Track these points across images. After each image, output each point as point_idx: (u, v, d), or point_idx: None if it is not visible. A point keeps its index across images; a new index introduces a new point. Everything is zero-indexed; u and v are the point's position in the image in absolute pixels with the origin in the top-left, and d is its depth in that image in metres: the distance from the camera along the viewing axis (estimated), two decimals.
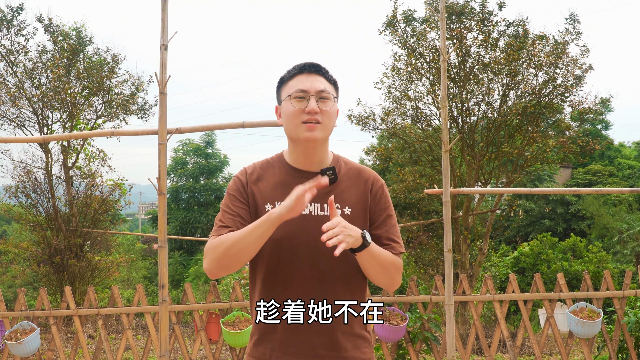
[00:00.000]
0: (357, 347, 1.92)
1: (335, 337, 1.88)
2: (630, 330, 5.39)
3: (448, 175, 4.50)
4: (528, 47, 9.83)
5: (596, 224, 24.25)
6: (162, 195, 3.88)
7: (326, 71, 1.98)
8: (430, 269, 11.65)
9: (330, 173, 1.90)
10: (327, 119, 1.90)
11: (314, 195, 1.76)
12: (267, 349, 1.90)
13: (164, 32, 3.89)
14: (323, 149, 1.96)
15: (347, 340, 1.90)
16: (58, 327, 5.59)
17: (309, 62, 1.97)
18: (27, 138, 8.02)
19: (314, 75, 1.94)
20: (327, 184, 1.79)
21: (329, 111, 1.91)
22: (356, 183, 1.96)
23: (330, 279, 1.88)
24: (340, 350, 1.88)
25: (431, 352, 5.49)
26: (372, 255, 1.82)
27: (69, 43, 10.77)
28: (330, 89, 1.95)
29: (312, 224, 1.87)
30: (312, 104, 1.87)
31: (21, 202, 10.75)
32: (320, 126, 1.88)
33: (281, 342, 1.88)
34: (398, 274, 1.93)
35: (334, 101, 1.94)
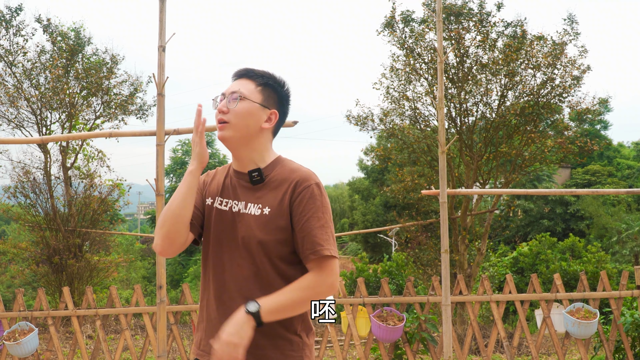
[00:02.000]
0: (276, 347, 1.90)
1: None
2: (627, 330, 5.41)
3: (445, 177, 4.52)
4: (526, 48, 9.85)
5: (595, 224, 24.29)
6: (160, 196, 3.89)
7: (257, 75, 2.00)
8: (429, 269, 11.67)
9: (256, 174, 1.97)
10: (235, 119, 1.93)
11: (202, 125, 1.90)
12: (198, 338, 2.03)
13: (162, 33, 3.90)
14: (248, 148, 1.99)
15: (264, 338, 1.89)
16: (56, 327, 5.60)
17: (239, 68, 2.04)
18: (26, 139, 8.02)
19: (239, 79, 2.00)
20: (200, 108, 1.87)
21: (235, 110, 1.93)
22: (283, 184, 1.94)
23: (245, 275, 1.91)
24: (255, 347, 1.86)
25: (428, 353, 5.50)
26: (278, 312, 1.81)
27: (68, 43, 10.79)
28: (251, 90, 1.96)
29: (235, 221, 1.94)
30: (220, 103, 1.96)
31: (20, 202, 10.76)
32: (228, 126, 1.94)
33: (206, 331, 1.99)
34: (323, 289, 1.86)
35: (247, 101, 1.94)
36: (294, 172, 1.96)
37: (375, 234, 25.97)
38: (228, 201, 1.98)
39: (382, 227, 23.41)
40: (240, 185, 1.99)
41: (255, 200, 1.94)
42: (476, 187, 10.66)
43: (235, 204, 1.96)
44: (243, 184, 1.99)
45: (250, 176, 1.97)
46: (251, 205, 1.94)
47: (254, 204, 1.94)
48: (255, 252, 1.90)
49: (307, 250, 1.88)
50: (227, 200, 1.99)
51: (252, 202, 1.94)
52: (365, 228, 25.68)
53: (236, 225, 1.94)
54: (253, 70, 2.01)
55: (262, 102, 1.97)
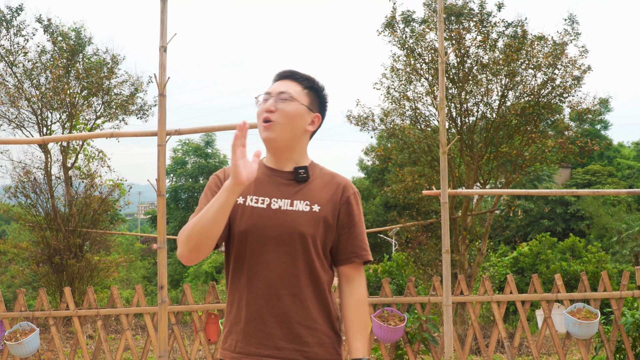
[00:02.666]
0: (322, 344, 1.92)
1: (295, 330, 1.89)
2: (628, 330, 5.41)
3: (446, 177, 4.52)
4: (527, 48, 9.85)
5: (595, 224, 24.28)
6: (161, 197, 3.90)
7: (303, 78, 2.01)
8: (429, 269, 11.67)
9: (302, 171, 1.97)
10: (283, 119, 1.93)
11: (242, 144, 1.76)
12: (233, 340, 1.93)
13: (163, 33, 3.91)
14: (291, 149, 2.00)
15: (312, 335, 1.90)
16: (57, 327, 5.61)
17: (285, 69, 2.03)
18: (26, 139, 8.03)
19: (285, 80, 2.00)
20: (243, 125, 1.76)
21: (284, 110, 1.93)
22: (328, 185, 1.99)
23: (294, 273, 1.90)
24: (303, 344, 1.89)
25: (429, 353, 5.50)
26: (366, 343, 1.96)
27: (68, 43, 10.79)
28: (299, 92, 1.97)
29: (279, 218, 1.91)
30: (269, 102, 1.94)
31: (20, 202, 10.77)
32: (274, 125, 1.92)
33: (244, 333, 1.91)
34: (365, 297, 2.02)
35: (296, 103, 1.95)
36: (335, 176, 2.04)
37: (375, 234, 25.97)
38: (264, 199, 1.95)
39: (382, 227, 23.41)
40: (278, 182, 1.97)
41: (301, 197, 1.95)
42: (477, 188, 10.66)
43: (275, 202, 1.94)
44: (282, 182, 1.97)
45: (297, 173, 1.97)
46: (297, 202, 1.94)
47: (300, 200, 1.94)
48: (304, 249, 1.90)
49: (351, 253, 1.97)
50: (264, 198, 1.95)
51: (299, 199, 1.94)
52: (366, 228, 25.65)
53: (280, 223, 1.91)
54: (298, 73, 2.02)
55: (309, 105, 2.00)
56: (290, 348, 1.88)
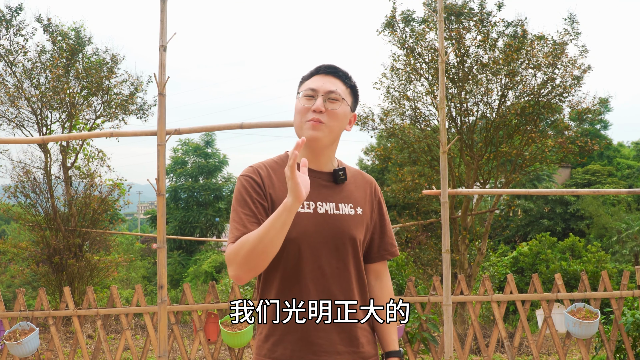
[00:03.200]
0: (370, 342, 1.97)
1: (353, 333, 1.91)
2: (628, 330, 5.41)
3: (446, 176, 4.51)
4: (527, 48, 9.85)
5: (595, 223, 24.27)
6: (160, 196, 3.89)
7: (345, 75, 1.98)
8: (429, 268, 11.67)
9: (342, 173, 1.97)
10: (332, 121, 1.90)
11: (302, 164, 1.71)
12: (287, 350, 1.86)
13: (163, 33, 3.90)
14: (330, 149, 1.97)
15: (363, 335, 1.94)
16: (57, 327, 5.60)
17: (327, 65, 1.98)
18: (26, 139, 8.03)
19: (329, 77, 1.95)
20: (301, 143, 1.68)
21: (335, 112, 1.90)
22: (362, 185, 2.01)
23: (347, 277, 1.91)
24: (358, 346, 1.92)
25: (429, 353, 5.50)
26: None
27: (68, 43, 10.78)
28: (344, 92, 1.95)
29: (328, 223, 1.88)
30: (318, 102, 1.88)
31: (20, 202, 10.76)
32: (323, 126, 1.88)
33: (302, 341, 1.85)
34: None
35: (344, 104, 1.93)
36: (363, 174, 2.05)
37: None
38: (310, 203, 1.89)
39: None
40: (319, 185, 1.93)
41: (344, 200, 1.94)
42: (476, 187, 10.66)
43: (321, 205, 1.90)
44: (322, 184, 1.94)
45: (337, 174, 1.96)
46: (343, 206, 1.93)
47: (345, 203, 1.93)
48: (354, 252, 1.93)
49: (384, 251, 2.03)
50: (309, 202, 1.89)
51: (343, 202, 1.93)
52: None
53: (331, 228, 1.89)
54: (341, 70, 1.98)
55: (351, 105, 1.98)
56: (348, 351, 1.90)
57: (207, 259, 26.97)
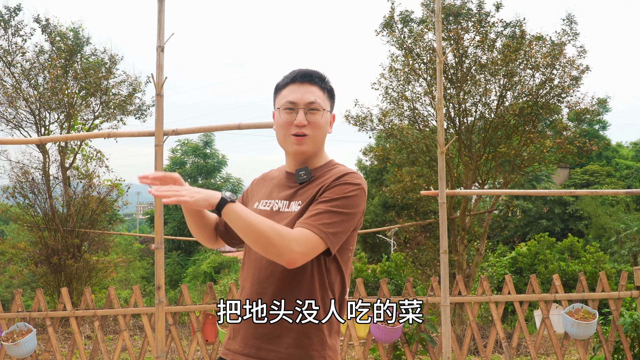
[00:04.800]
0: (300, 345, 1.85)
1: (272, 330, 1.86)
2: (626, 331, 5.41)
3: (444, 177, 4.51)
4: (525, 48, 9.85)
5: (594, 224, 24.30)
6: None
7: (320, 80, 1.96)
8: (428, 269, 11.67)
9: (303, 173, 1.94)
10: (316, 131, 1.91)
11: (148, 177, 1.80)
12: (226, 337, 1.99)
13: (161, 33, 3.89)
14: (315, 155, 1.97)
15: (287, 335, 1.85)
16: (55, 328, 5.60)
17: (302, 71, 1.95)
18: (24, 139, 8.01)
19: (306, 85, 1.92)
20: (145, 177, 1.79)
21: (317, 123, 1.91)
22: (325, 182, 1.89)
23: (281, 276, 1.86)
24: (277, 344, 1.85)
25: (427, 353, 5.50)
26: (236, 214, 1.70)
27: (67, 43, 10.76)
28: (322, 99, 1.93)
29: (278, 219, 1.88)
30: (300, 117, 1.88)
31: (19, 203, 10.74)
32: (308, 139, 1.90)
33: (233, 331, 1.95)
34: (283, 239, 1.71)
35: (324, 113, 1.93)
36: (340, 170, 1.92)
37: (374, 234, 25.97)
38: (270, 201, 1.96)
39: (381, 227, 23.39)
40: (287, 185, 1.96)
41: (297, 197, 1.92)
42: (475, 188, 10.66)
43: (277, 203, 1.94)
44: (290, 184, 1.96)
45: (298, 175, 1.94)
46: (293, 204, 1.91)
47: (296, 201, 1.91)
48: None
49: (304, 218, 1.80)
50: (270, 201, 1.96)
51: (295, 200, 1.91)
52: (364, 228, 25.68)
53: None
54: (316, 74, 1.96)
55: (330, 109, 1.98)
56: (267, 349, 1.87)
57: (206, 259, 26.97)
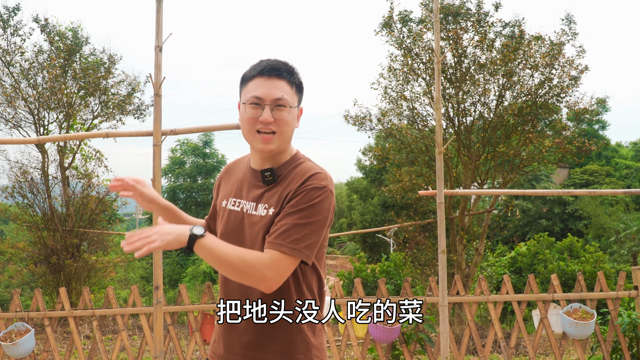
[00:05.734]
0: (284, 351, 1.83)
1: (255, 338, 1.84)
2: (624, 331, 5.41)
3: (442, 177, 4.51)
4: (524, 48, 9.85)
5: (593, 224, 24.30)
6: None
7: (289, 73, 1.87)
8: (427, 269, 11.67)
9: (268, 174, 1.88)
10: (282, 127, 1.84)
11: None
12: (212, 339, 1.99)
13: (159, 33, 3.89)
14: (282, 152, 1.91)
15: (272, 342, 1.83)
16: (53, 328, 5.60)
17: (270, 64, 1.86)
18: (23, 139, 8.01)
19: (273, 79, 1.84)
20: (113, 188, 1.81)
21: (284, 120, 1.84)
22: (291, 184, 1.84)
23: None
24: (262, 351, 1.83)
25: (425, 353, 5.50)
26: (207, 250, 1.70)
27: (66, 43, 10.76)
28: (290, 94, 1.86)
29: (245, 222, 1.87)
30: (266, 114, 1.82)
31: (18, 202, 10.74)
32: (275, 137, 1.84)
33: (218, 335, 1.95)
34: (254, 270, 1.71)
35: (292, 109, 1.86)
36: (307, 170, 1.85)
37: (373, 234, 25.98)
38: (240, 201, 1.92)
39: (380, 227, 23.40)
40: (254, 184, 1.91)
41: (264, 200, 1.87)
42: (474, 187, 10.67)
43: (245, 204, 1.91)
44: (257, 184, 1.91)
45: (263, 176, 1.89)
46: (260, 206, 1.86)
47: (263, 204, 1.86)
48: None
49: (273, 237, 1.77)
50: (239, 200, 1.93)
51: (262, 202, 1.86)
52: (364, 228, 25.69)
53: (244, 227, 1.87)
54: (284, 67, 1.88)
55: (298, 103, 1.92)
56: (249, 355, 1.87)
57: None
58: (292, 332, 1.84)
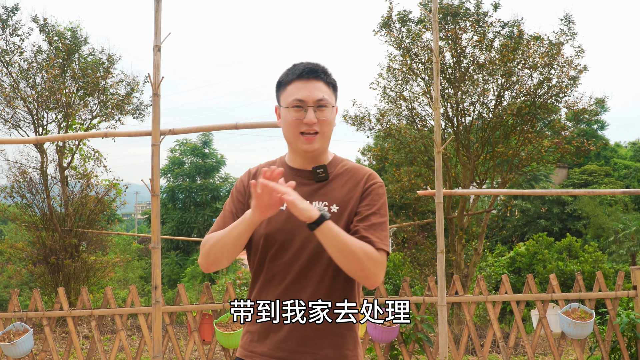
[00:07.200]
0: (335, 346, 1.87)
1: (308, 334, 1.85)
2: (623, 331, 5.41)
3: (441, 177, 4.51)
4: (523, 48, 9.86)
5: (592, 224, 24.30)
6: (155, 197, 3.89)
7: (325, 74, 1.94)
8: (426, 269, 11.68)
9: (321, 171, 1.92)
10: (325, 127, 1.90)
11: (254, 184, 1.69)
12: (247, 339, 1.94)
13: (157, 33, 3.89)
14: (324, 153, 1.97)
15: (323, 337, 1.86)
16: (51, 327, 5.59)
17: (307, 67, 1.92)
18: (22, 139, 8.01)
19: (312, 81, 1.90)
20: (279, 173, 1.70)
21: (327, 120, 1.89)
22: (349, 182, 1.91)
23: (312, 276, 1.87)
24: (313, 346, 1.85)
25: (424, 353, 5.50)
26: (333, 234, 1.72)
27: (64, 43, 10.75)
28: (329, 94, 1.92)
29: (298, 221, 1.84)
30: (310, 115, 1.87)
31: (16, 202, 10.73)
32: (318, 136, 1.89)
33: (259, 334, 1.91)
34: (373, 265, 1.77)
35: (332, 108, 1.92)
36: (359, 169, 1.95)
37: None
38: None
39: None
40: (300, 183, 1.91)
41: (320, 198, 1.89)
42: (473, 187, 10.67)
43: None
44: (302, 182, 1.91)
45: (315, 173, 1.92)
46: (316, 204, 1.88)
47: (319, 202, 1.89)
48: (319, 254, 1.85)
49: (375, 236, 1.84)
50: None
51: (317, 200, 1.89)
52: None
53: (299, 226, 1.85)
54: (320, 69, 1.93)
55: (335, 103, 1.96)
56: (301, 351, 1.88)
57: None
58: (342, 327, 1.89)
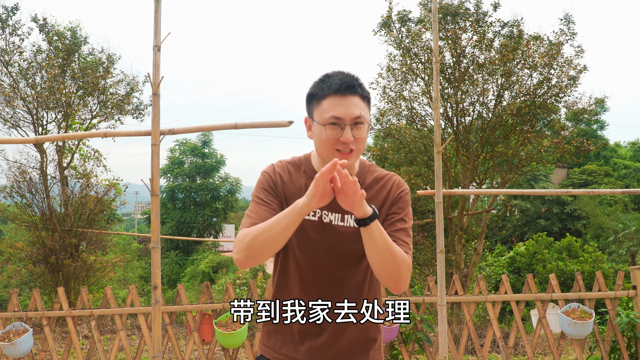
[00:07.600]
0: (366, 350, 1.94)
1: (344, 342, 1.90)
2: (623, 330, 5.41)
3: (440, 177, 4.51)
4: (523, 48, 9.86)
5: (592, 223, 24.31)
6: (155, 197, 3.88)
7: (361, 88, 1.86)
8: (426, 269, 11.68)
9: None
10: (361, 145, 1.85)
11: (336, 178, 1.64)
12: (278, 340, 1.94)
13: (157, 33, 3.89)
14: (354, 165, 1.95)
15: (356, 344, 1.92)
16: (51, 327, 5.59)
17: (344, 82, 1.83)
18: (22, 139, 8.00)
19: (348, 96, 1.81)
20: (345, 162, 1.64)
21: (362, 138, 1.83)
22: (379, 193, 1.92)
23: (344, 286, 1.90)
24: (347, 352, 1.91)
25: (424, 353, 5.50)
26: (380, 232, 1.70)
27: (64, 43, 10.75)
28: (365, 109, 1.85)
29: (330, 233, 1.87)
30: (347, 134, 1.79)
31: (16, 202, 10.72)
32: (353, 153, 1.84)
33: (293, 338, 1.93)
34: (407, 269, 1.77)
35: (367, 125, 1.86)
36: (385, 178, 1.94)
37: None
38: (316, 210, 1.87)
39: None
40: None
41: None
42: (473, 187, 10.67)
43: (326, 215, 1.88)
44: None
45: None
46: (348, 217, 1.87)
47: (351, 215, 1.87)
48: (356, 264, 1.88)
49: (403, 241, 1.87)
50: (316, 210, 1.87)
51: (350, 214, 1.87)
52: None
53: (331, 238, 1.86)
54: (356, 82, 1.85)
55: (369, 115, 1.91)
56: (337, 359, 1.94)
57: (204, 259, 26.94)
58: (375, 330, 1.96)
